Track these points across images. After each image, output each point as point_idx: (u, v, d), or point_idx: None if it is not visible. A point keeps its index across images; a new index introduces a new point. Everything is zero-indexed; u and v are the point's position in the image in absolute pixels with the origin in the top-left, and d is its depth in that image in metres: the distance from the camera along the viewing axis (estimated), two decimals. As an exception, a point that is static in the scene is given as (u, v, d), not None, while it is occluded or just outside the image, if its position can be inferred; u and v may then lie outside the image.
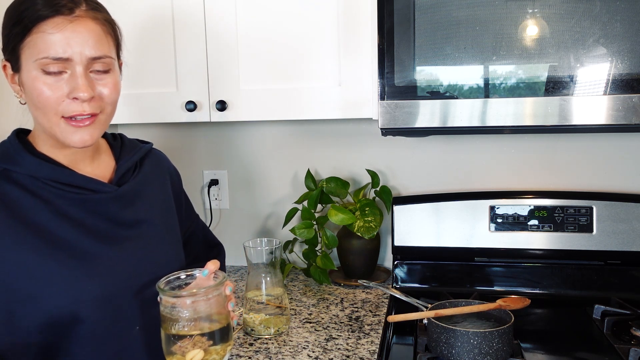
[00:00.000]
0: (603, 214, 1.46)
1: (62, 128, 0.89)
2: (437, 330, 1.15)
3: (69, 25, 0.86)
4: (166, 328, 0.90)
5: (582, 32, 1.15)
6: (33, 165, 0.91)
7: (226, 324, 0.93)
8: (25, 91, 0.89)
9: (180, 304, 0.89)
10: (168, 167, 1.17)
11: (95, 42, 0.88)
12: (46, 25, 0.85)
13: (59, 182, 0.92)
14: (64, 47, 0.85)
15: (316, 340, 1.26)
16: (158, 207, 1.07)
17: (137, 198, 1.02)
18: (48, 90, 0.86)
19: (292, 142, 1.74)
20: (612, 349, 1.20)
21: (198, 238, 1.25)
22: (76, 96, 0.87)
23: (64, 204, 0.92)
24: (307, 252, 1.62)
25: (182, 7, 1.41)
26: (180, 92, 1.44)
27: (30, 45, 0.86)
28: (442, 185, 1.66)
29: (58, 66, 0.86)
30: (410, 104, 1.24)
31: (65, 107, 0.88)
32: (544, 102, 1.19)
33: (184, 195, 1.21)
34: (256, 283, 1.31)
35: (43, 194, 0.91)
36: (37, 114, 0.90)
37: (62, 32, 0.85)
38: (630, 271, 1.46)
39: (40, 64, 0.85)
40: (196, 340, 0.89)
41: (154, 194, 1.07)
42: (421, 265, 1.57)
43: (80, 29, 0.87)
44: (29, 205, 0.90)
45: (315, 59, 1.37)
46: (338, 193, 1.62)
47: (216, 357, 0.91)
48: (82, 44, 0.87)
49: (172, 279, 0.95)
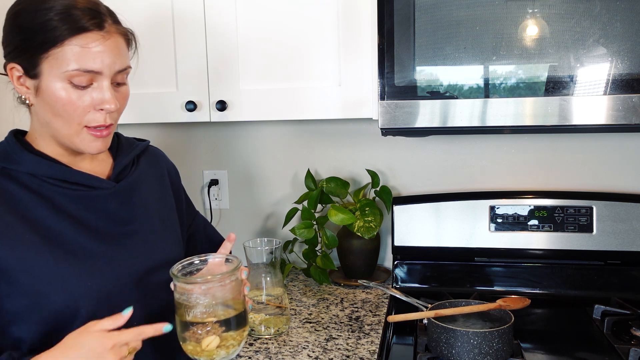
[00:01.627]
0: (603, 214, 1.46)
1: (82, 137, 0.92)
2: (437, 330, 1.15)
3: (102, 40, 0.89)
4: (181, 315, 0.89)
5: (582, 32, 1.15)
6: (31, 163, 0.93)
7: (242, 309, 0.92)
8: (44, 98, 0.89)
9: (196, 290, 0.88)
10: (166, 163, 1.18)
11: (121, 56, 0.92)
12: (80, 40, 0.87)
13: (57, 179, 0.94)
14: (97, 61, 0.88)
15: (316, 340, 1.26)
16: (156, 204, 1.08)
17: (135, 194, 1.03)
18: (77, 101, 0.89)
19: (292, 142, 1.74)
20: (612, 349, 1.20)
21: (200, 234, 1.25)
22: (103, 108, 0.91)
23: (62, 200, 0.93)
24: (307, 252, 1.62)
25: (182, 7, 1.40)
26: (180, 92, 1.44)
27: (58, 57, 0.87)
28: (442, 185, 1.66)
29: (86, 78, 0.88)
30: (410, 104, 1.24)
31: (90, 117, 0.91)
32: (544, 102, 1.19)
33: (183, 192, 1.22)
34: (256, 283, 1.31)
35: (42, 191, 0.92)
36: (55, 120, 0.91)
37: (96, 47, 0.88)
38: (630, 271, 1.46)
39: (69, 75, 0.87)
40: (211, 326, 0.89)
41: (151, 190, 1.08)
42: (421, 265, 1.57)
43: (112, 45, 0.90)
44: (28, 202, 0.91)
45: (315, 59, 1.37)
46: (338, 193, 1.62)
47: (233, 342, 0.90)
48: (113, 59, 0.90)
49: (185, 265, 0.94)
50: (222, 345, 0.89)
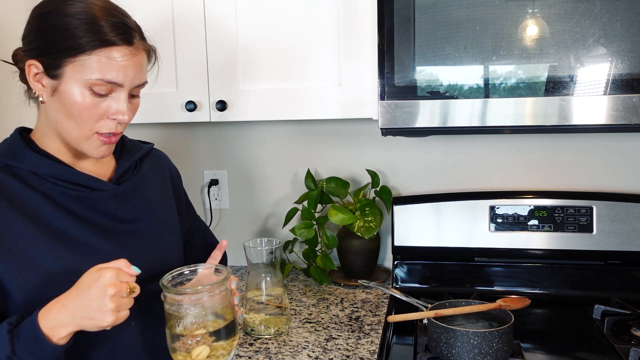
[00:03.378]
0: (603, 214, 1.46)
1: (91, 141, 0.94)
2: (437, 330, 1.15)
3: (130, 56, 0.91)
4: (171, 326, 0.90)
5: (582, 32, 1.15)
6: (34, 162, 0.94)
7: (232, 319, 0.93)
8: (60, 99, 0.91)
9: (186, 301, 0.88)
10: (168, 167, 1.18)
11: (142, 72, 0.95)
12: (109, 52, 0.89)
13: (59, 179, 0.95)
14: (120, 75, 0.90)
15: (316, 340, 1.26)
16: (157, 206, 1.08)
17: (136, 197, 1.04)
18: (93, 108, 0.91)
19: (292, 142, 1.74)
20: (612, 349, 1.20)
21: (198, 239, 1.25)
22: (116, 118, 0.93)
23: (63, 199, 0.95)
24: (307, 252, 1.62)
25: (182, 7, 1.41)
26: (180, 92, 1.44)
27: (84, 64, 0.88)
28: (442, 185, 1.66)
29: (107, 88, 0.91)
30: (410, 104, 1.24)
31: (102, 124, 0.93)
32: (544, 102, 1.19)
33: (184, 195, 1.22)
34: (256, 283, 1.31)
35: (44, 190, 0.94)
36: (66, 122, 0.92)
37: (123, 61, 0.90)
38: (630, 271, 1.46)
39: (91, 83, 0.89)
40: (201, 336, 0.89)
41: (152, 193, 1.09)
42: (421, 265, 1.57)
43: (137, 61, 0.93)
44: (30, 199, 0.92)
45: (315, 59, 1.37)
46: (338, 193, 1.62)
47: (223, 352, 0.91)
48: (135, 74, 0.93)
49: (175, 275, 0.94)
50: (212, 355, 0.90)
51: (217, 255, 1.06)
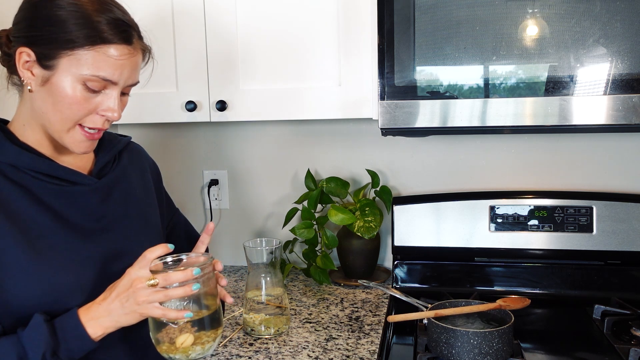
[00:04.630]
0: (603, 214, 1.46)
1: (73, 134, 0.92)
2: (437, 330, 1.15)
3: (128, 55, 0.91)
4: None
5: (582, 32, 1.15)
6: (13, 155, 0.92)
7: (216, 306, 0.92)
8: (51, 90, 0.89)
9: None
10: (147, 160, 1.18)
11: (137, 71, 0.95)
12: (107, 49, 0.88)
13: (39, 172, 0.93)
14: (116, 73, 0.90)
15: (316, 340, 1.26)
16: (137, 200, 1.08)
17: (116, 190, 1.04)
18: (84, 102, 0.90)
19: (292, 142, 1.74)
20: (612, 349, 1.20)
21: (180, 232, 1.25)
22: (106, 115, 0.92)
23: (43, 193, 0.93)
24: (307, 252, 1.62)
25: (182, 7, 1.41)
26: (180, 92, 1.44)
27: (81, 58, 0.87)
28: (442, 185, 1.66)
29: (100, 85, 0.90)
30: (410, 104, 1.24)
31: (89, 118, 0.92)
32: (543, 102, 1.19)
33: (163, 189, 1.22)
34: (256, 283, 1.31)
35: (23, 183, 0.92)
36: (53, 113, 0.90)
37: (120, 60, 0.89)
38: (630, 271, 1.46)
39: (86, 78, 0.88)
40: (183, 325, 0.89)
41: (133, 186, 1.08)
42: (421, 265, 1.57)
43: (134, 61, 0.93)
44: (8, 193, 0.90)
45: (315, 59, 1.37)
46: (338, 193, 1.62)
47: (207, 338, 0.91)
48: (130, 73, 0.93)
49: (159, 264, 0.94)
50: (198, 342, 0.90)
51: (205, 239, 1.04)
